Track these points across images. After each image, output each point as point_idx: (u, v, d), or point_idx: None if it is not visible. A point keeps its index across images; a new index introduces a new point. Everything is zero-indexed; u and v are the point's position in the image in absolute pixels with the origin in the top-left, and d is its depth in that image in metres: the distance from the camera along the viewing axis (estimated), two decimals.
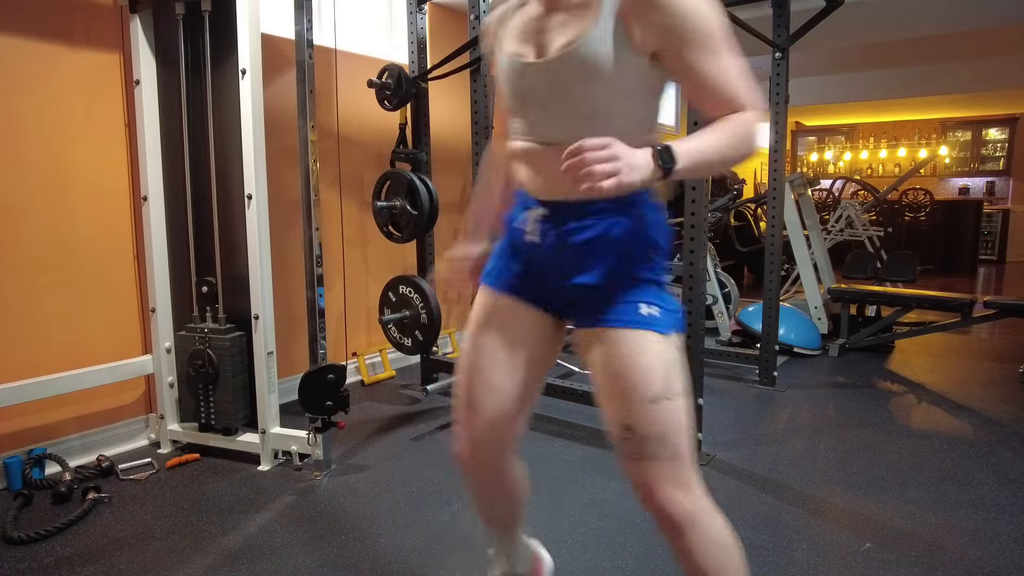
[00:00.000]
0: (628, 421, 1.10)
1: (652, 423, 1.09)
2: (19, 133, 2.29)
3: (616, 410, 1.12)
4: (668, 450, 1.09)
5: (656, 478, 1.09)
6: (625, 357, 1.11)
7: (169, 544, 1.91)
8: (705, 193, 2.41)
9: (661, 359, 1.11)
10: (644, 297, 1.14)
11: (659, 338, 1.12)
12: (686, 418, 1.12)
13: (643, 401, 1.09)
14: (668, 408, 1.09)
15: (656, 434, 1.09)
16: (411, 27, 3.16)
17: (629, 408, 1.10)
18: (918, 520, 2.02)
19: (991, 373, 3.63)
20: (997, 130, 9.31)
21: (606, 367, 1.14)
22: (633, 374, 1.10)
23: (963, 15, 3.54)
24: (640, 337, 1.12)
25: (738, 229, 5.72)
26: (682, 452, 1.10)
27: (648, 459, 1.09)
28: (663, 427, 1.09)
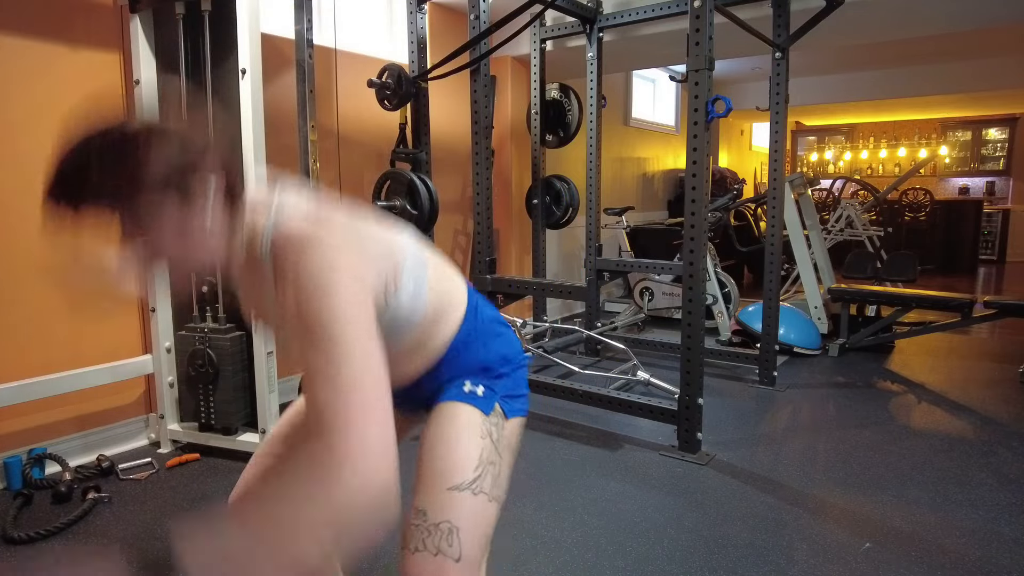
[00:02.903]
0: (422, 505, 1.00)
1: (446, 511, 0.98)
2: (19, 133, 2.29)
3: (417, 493, 1.02)
4: (456, 549, 0.96)
5: None
6: (439, 433, 1.05)
7: (169, 544, 1.91)
8: (705, 193, 2.41)
9: (475, 446, 1.03)
10: (470, 378, 1.10)
11: (478, 417, 1.06)
12: (485, 524, 1.01)
13: (443, 486, 1.00)
14: (468, 502, 0.99)
15: (448, 525, 0.97)
16: (411, 27, 3.15)
17: (427, 491, 1.01)
18: (918, 520, 2.02)
19: (991, 373, 3.63)
20: (997, 130, 9.30)
21: (421, 446, 1.07)
22: (442, 455, 1.02)
23: (963, 15, 3.54)
24: (457, 411, 1.06)
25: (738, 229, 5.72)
26: (470, 557, 0.97)
27: (429, 552, 0.95)
28: (458, 520, 0.97)
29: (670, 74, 6.43)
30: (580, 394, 2.82)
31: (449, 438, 1.04)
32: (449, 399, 1.09)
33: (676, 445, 2.56)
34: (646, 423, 2.83)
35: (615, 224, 5.17)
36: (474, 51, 2.85)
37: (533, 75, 3.90)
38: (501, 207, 4.56)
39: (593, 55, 3.74)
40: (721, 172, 7.57)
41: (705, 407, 2.64)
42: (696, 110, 2.36)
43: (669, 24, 3.59)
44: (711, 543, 1.89)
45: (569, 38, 3.96)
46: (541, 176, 3.95)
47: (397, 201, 3.10)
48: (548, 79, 4.00)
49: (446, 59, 2.89)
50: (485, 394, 1.09)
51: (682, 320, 2.49)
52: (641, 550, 1.86)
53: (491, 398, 1.09)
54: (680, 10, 3.31)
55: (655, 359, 3.91)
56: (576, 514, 2.06)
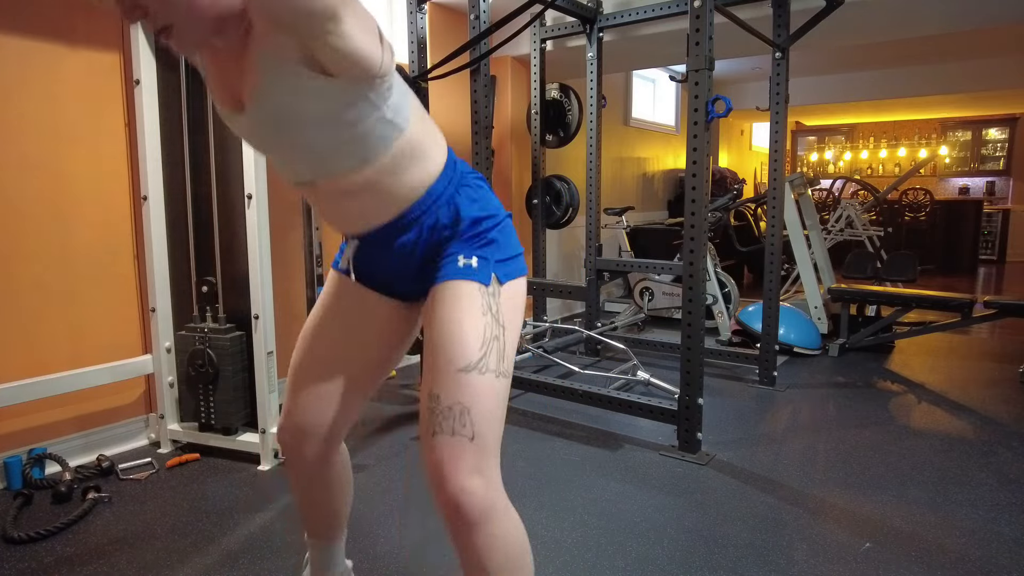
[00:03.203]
0: (436, 389, 1.04)
1: (457, 394, 1.02)
2: (19, 133, 2.29)
3: (427, 378, 1.06)
4: (468, 429, 1.01)
5: (452, 458, 1.00)
6: (441, 316, 1.07)
7: (169, 544, 1.91)
8: (705, 193, 2.41)
9: (477, 325, 1.05)
10: (462, 251, 1.11)
11: (476, 290, 1.07)
12: (496, 402, 1.05)
13: (451, 369, 1.03)
14: (477, 382, 1.03)
15: (459, 406, 1.01)
16: (411, 27, 3.15)
17: (436, 375, 1.04)
18: (918, 520, 2.02)
19: (991, 373, 3.63)
20: (997, 130, 9.31)
21: (427, 331, 1.09)
22: (446, 337, 1.05)
23: (963, 15, 3.54)
24: (457, 289, 1.07)
25: (738, 229, 5.72)
26: (485, 436, 1.03)
27: (446, 434, 1.01)
28: (468, 400, 1.02)
29: (670, 74, 6.43)
30: (580, 394, 2.82)
31: (452, 320, 1.06)
32: (446, 278, 1.09)
33: (676, 445, 2.56)
34: (646, 423, 2.83)
35: (615, 224, 5.18)
36: (474, 51, 2.85)
37: (533, 75, 3.90)
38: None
39: (593, 55, 3.74)
40: (721, 172, 7.58)
41: (705, 407, 2.64)
42: (696, 110, 2.36)
43: (669, 24, 3.59)
44: (711, 543, 1.89)
45: (569, 38, 3.96)
46: (541, 176, 3.95)
47: None
48: (548, 79, 4.01)
49: (446, 59, 2.89)
50: (479, 264, 1.10)
51: (682, 320, 2.49)
52: (641, 550, 1.86)
53: (485, 268, 1.10)
54: (680, 10, 3.31)
55: (655, 359, 3.91)
56: (576, 514, 2.07)
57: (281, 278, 2.92)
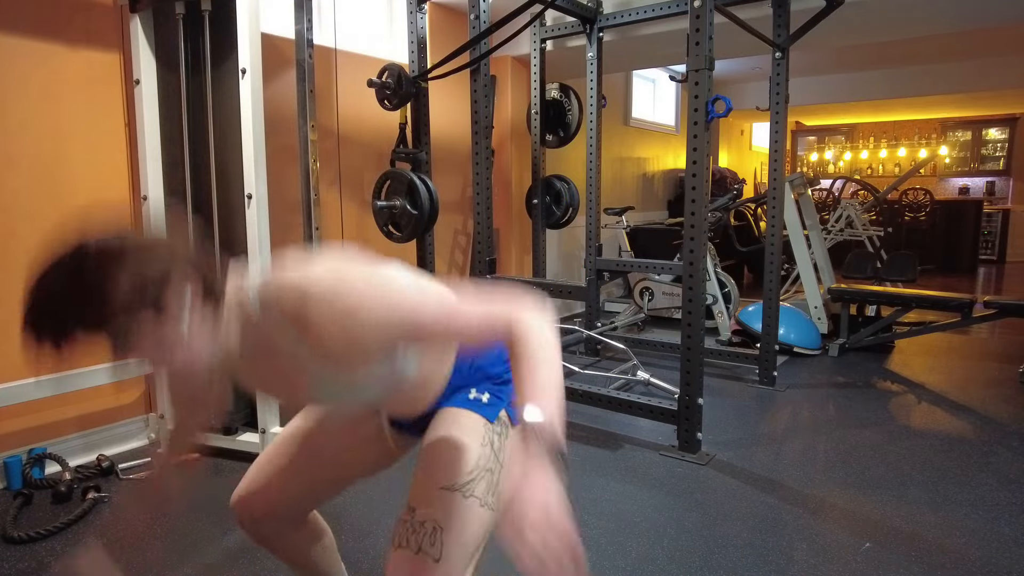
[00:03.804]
0: (414, 502, 1.00)
1: (433, 509, 0.97)
2: (19, 133, 2.29)
3: (411, 491, 1.02)
4: (437, 549, 0.94)
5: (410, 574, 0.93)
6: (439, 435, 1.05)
7: (169, 544, 1.91)
8: (705, 193, 2.41)
9: (473, 452, 1.03)
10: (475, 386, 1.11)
11: (481, 424, 1.06)
12: (474, 531, 0.98)
13: (435, 485, 0.99)
14: (459, 504, 0.98)
15: (433, 523, 0.95)
16: (411, 27, 3.15)
17: (419, 488, 1.01)
18: (918, 520, 2.02)
19: (991, 373, 3.63)
20: (997, 130, 9.30)
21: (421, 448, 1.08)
22: (439, 456, 1.02)
23: (963, 15, 3.54)
24: (461, 416, 1.07)
25: (738, 229, 5.72)
26: (452, 562, 0.95)
27: (410, 550, 0.94)
28: (444, 520, 0.96)
29: (670, 74, 6.43)
30: (580, 394, 2.82)
31: (447, 440, 1.04)
32: (453, 405, 1.09)
33: (676, 445, 2.56)
34: (646, 423, 2.83)
35: (615, 224, 5.17)
36: (474, 51, 2.85)
37: (533, 75, 3.89)
38: (501, 207, 4.56)
39: (593, 55, 3.74)
40: (721, 172, 7.57)
41: (705, 407, 2.63)
42: (696, 110, 2.36)
43: (669, 24, 3.59)
44: (711, 543, 1.89)
45: (569, 38, 3.95)
46: (541, 176, 3.95)
47: (397, 201, 3.10)
48: (548, 79, 4.00)
49: (446, 59, 2.89)
50: (490, 401, 1.09)
51: (682, 320, 2.49)
52: (641, 550, 1.86)
53: (496, 405, 1.09)
54: (680, 10, 3.30)
55: (655, 359, 3.91)
56: (576, 514, 2.06)
57: None
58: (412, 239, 3.18)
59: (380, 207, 3.13)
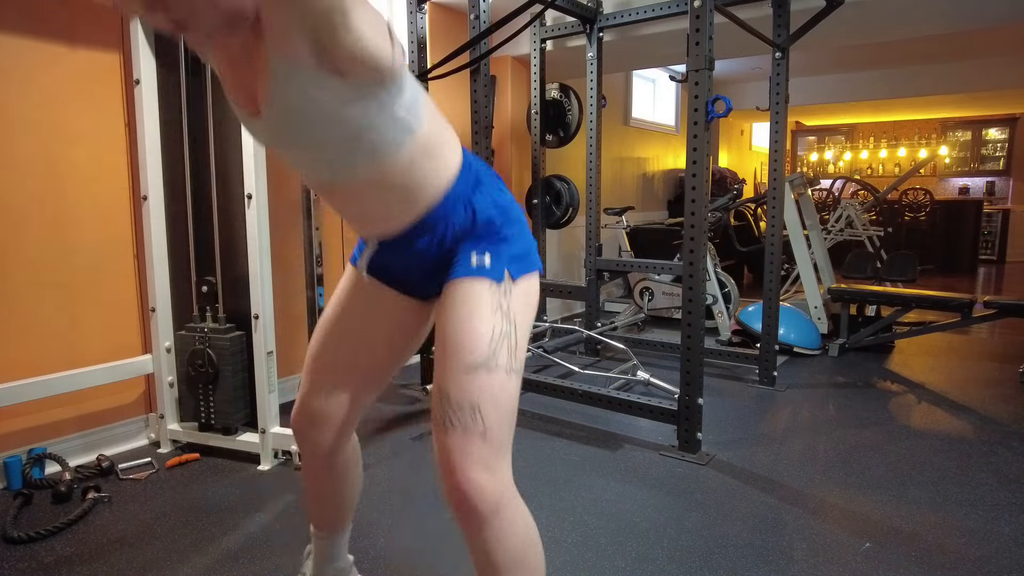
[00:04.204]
0: (446, 387, 1.05)
1: (466, 390, 1.03)
2: (19, 133, 2.29)
3: (438, 375, 1.07)
4: (479, 424, 1.02)
5: (462, 451, 1.01)
6: (453, 313, 1.08)
7: (169, 544, 1.91)
8: (705, 193, 2.41)
9: (487, 322, 1.06)
10: (475, 247, 1.11)
11: (488, 288, 1.08)
12: (506, 398, 1.05)
13: (461, 366, 1.04)
14: (485, 380, 1.03)
15: (469, 403, 1.02)
16: (411, 27, 3.16)
17: (447, 372, 1.05)
18: (918, 520, 2.02)
19: (991, 373, 3.63)
20: (997, 130, 9.30)
21: (439, 328, 1.10)
22: (457, 334, 1.06)
23: (963, 15, 3.54)
24: (469, 287, 1.08)
25: (738, 229, 5.72)
26: (495, 431, 1.03)
27: (456, 429, 1.02)
28: (478, 397, 1.02)
29: (670, 74, 6.43)
30: (580, 394, 2.82)
31: (462, 318, 1.07)
32: (458, 276, 1.10)
33: (676, 445, 2.56)
34: (646, 423, 2.83)
35: (615, 224, 5.18)
36: (474, 51, 2.85)
37: (533, 75, 3.90)
38: None
39: (593, 55, 3.74)
40: (721, 172, 7.58)
41: (705, 407, 2.64)
42: (696, 110, 2.36)
43: (669, 24, 3.59)
44: (711, 543, 1.89)
45: (569, 38, 3.96)
46: (541, 176, 3.95)
47: None
48: (548, 79, 4.01)
49: (446, 59, 2.89)
50: (492, 262, 1.10)
51: (682, 320, 2.49)
52: (641, 550, 1.86)
53: (498, 265, 1.10)
54: (680, 10, 3.31)
55: (655, 359, 3.91)
56: (576, 514, 2.07)
57: (281, 278, 2.91)
58: None
59: None
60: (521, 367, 1.10)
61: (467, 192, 1.12)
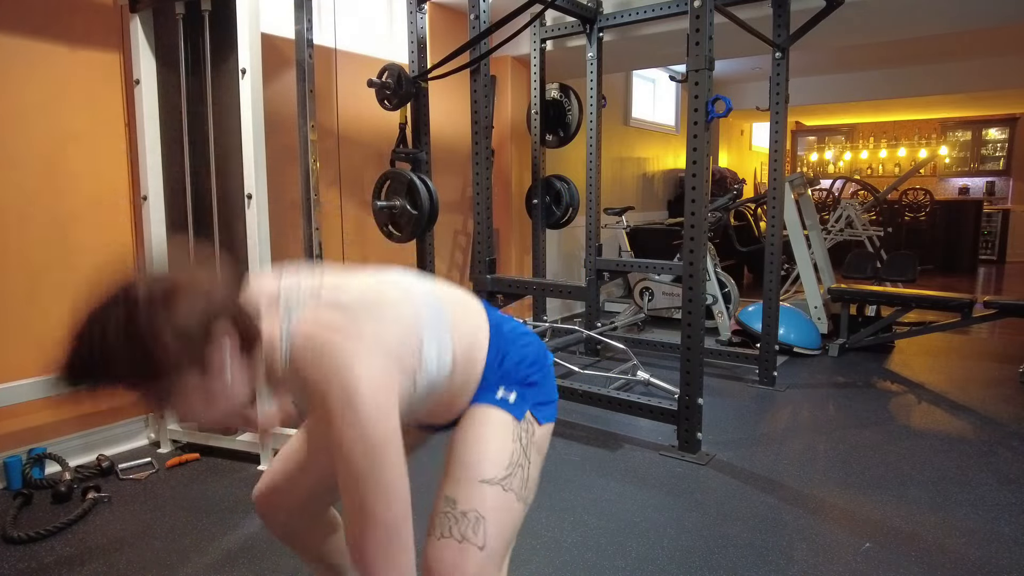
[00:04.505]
0: (453, 494, 1.04)
1: (475, 501, 1.02)
2: (19, 133, 2.29)
3: (444, 486, 1.06)
4: (480, 538, 1.00)
5: (458, 563, 0.98)
6: (470, 433, 1.07)
7: (169, 543, 1.91)
8: (705, 193, 2.41)
9: (507, 447, 1.06)
10: (503, 383, 1.11)
11: (511, 421, 1.08)
12: (511, 522, 1.04)
13: (475, 479, 1.03)
14: (499, 496, 1.03)
15: (475, 514, 1.01)
16: (411, 27, 3.15)
17: (457, 482, 1.04)
18: (918, 520, 2.02)
19: (991, 373, 3.63)
20: (997, 130, 9.30)
21: (452, 445, 1.10)
22: (475, 450, 1.05)
23: (963, 15, 3.54)
24: (491, 413, 1.08)
25: (738, 229, 5.71)
26: (495, 550, 1.01)
27: (454, 539, 1.00)
28: (486, 511, 1.01)
29: (670, 74, 6.43)
30: (580, 394, 2.82)
31: (482, 436, 1.07)
32: (482, 403, 1.10)
33: (676, 445, 2.56)
34: (646, 423, 2.83)
35: (615, 224, 5.17)
36: (474, 51, 2.85)
37: (533, 75, 3.89)
38: (501, 207, 4.57)
39: (593, 55, 3.74)
40: (721, 172, 7.57)
41: (705, 407, 2.64)
42: (696, 110, 2.36)
43: (669, 24, 3.59)
44: (711, 543, 1.89)
45: (569, 38, 3.96)
46: (541, 176, 3.95)
47: (397, 201, 3.10)
48: (548, 79, 4.00)
49: (446, 59, 2.89)
50: (517, 401, 1.11)
51: (682, 320, 2.49)
52: (641, 550, 1.86)
53: (523, 405, 1.11)
54: (680, 10, 3.30)
55: (655, 359, 3.91)
56: (576, 514, 2.06)
57: None
58: (412, 239, 3.18)
59: (380, 207, 3.13)
60: (529, 502, 1.09)
61: (496, 372, 1.12)
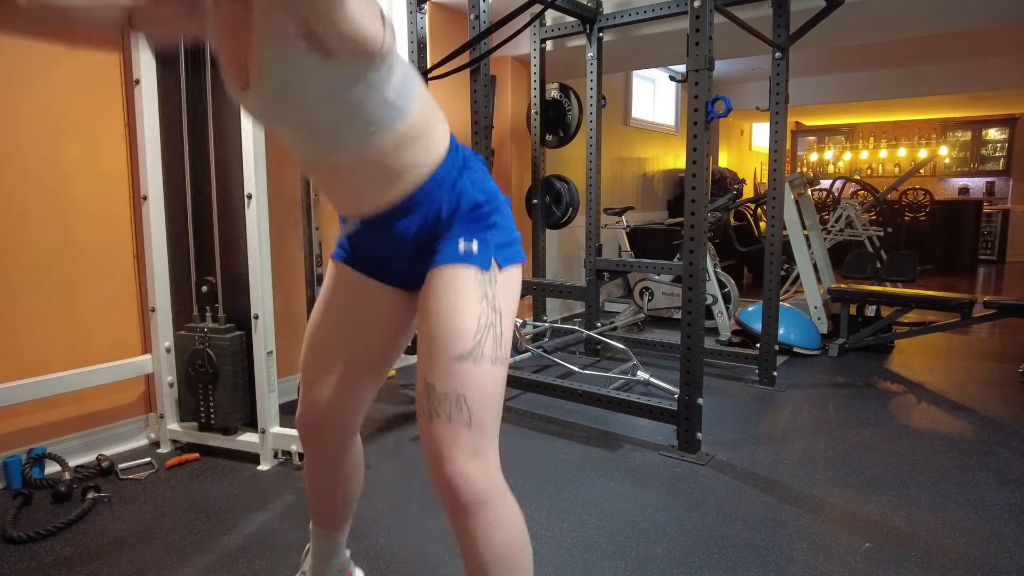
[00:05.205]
0: (431, 378, 1.04)
1: (452, 381, 1.02)
2: (19, 133, 2.28)
3: (422, 365, 1.06)
4: (465, 414, 1.01)
5: (449, 442, 1.01)
6: (437, 301, 1.06)
7: (169, 544, 1.91)
8: (705, 193, 2.41)
9: (476, 310, 1.05)
10: (463, 234, 1.09)
11: (475, 275, 1.06)
12: (492, 388, 1.05)
13: (447, 357, 1.03)
14: (472, 370, 1.03)
15: (455, 394, 1.02)
16: (411, 27, 3.16)
17: (432, 363, 1.04)
18: (918, 520, 2.02)
19: (991, 373, 3.63)
20: (997, 130, 9.30)
21: (422, 316, 1.09)
22: (442, 324, 1.04)
23: (963, 15, 3.54)
24: (454, 274, 1.06)
25: (738, 229, 5.72)
26: (483, 421, 1.03)
27: (443, 419, 1.02)
28: (464, 388, 1.02)
29: (670, 74, 6.43)
30: (580, 394, 2.82)
31: (447, 307, 1.05)
32: (444, 262, 1.08)
33: (676, 445, 2.56)
34: (646, 423, 2.83)
35: (615, 224, 5.18)
36: (474, 51, 2.85)
37: (533, 75, 3.90)
38: None
39: (593, 55, 3.74)
40: (721, 172, 7.58)
41: (705, 407, 2.64)
42: (696, 110, 2.36)
43: (669, 24, 3.59)
44: (711, 543, 1.89)
45: (569, 38, 3.96)
46: (541, 176, 3.95)
47: None
48: (548, 79, 4.01)
49: (446, 59, 2.89)
50: (480, 249, 1.08)
51: (682, 320, 2.49)
52: (641, 550, 1.86)
53: (486, 252, 1.09)
54: (680, 10, 3.31)
55: (655, 359, 3.91)
56: (576, 514, 2.06)
57: (281, 278, 2.91)
58: None
59: None
60: (507, 357, 1.09)
61: (453, 175, 1.11)
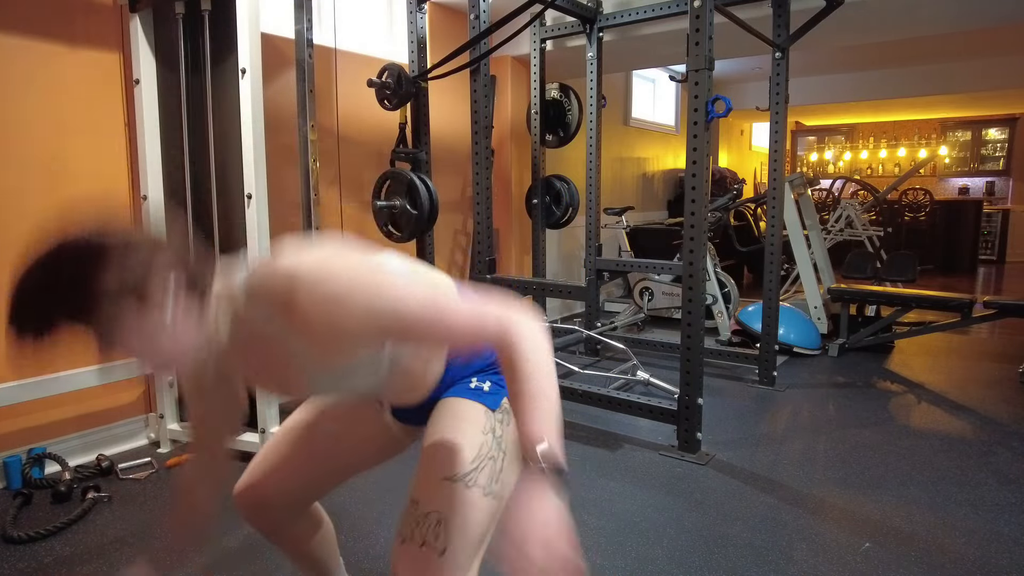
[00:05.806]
0: (416, 495, 0.98)
1: (436, 501, 0.96)
2: (19, 133, 2.28)
3: (412, 484, 1.01)
4: (440, 542, 0.92)
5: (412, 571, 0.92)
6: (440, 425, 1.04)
7: (169, 543, 1.90)
8: (705, 193, 2.41)
9: (476, 441, 1.01)
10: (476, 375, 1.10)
11: (483, 412, 1.05)
12: (478, 521, 0.96)
13: (437, 476, 0.98)
14: (461, 494, 0.96)
15: (437, 516, 0.94)
16: (411, 26, 3.15)
17: (421, 480, 1.00)
18: (917, 520, 2.02)
19: (991, 373, 3.63)
20: (997, 130, 9.30)
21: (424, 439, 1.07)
22: (440, 445, 1.01)
23: (964, 15, 3.54)
24: (461, 406, 1.06)
25: (738, 229, 5.71)
26: (456, 553, 0.93)
27: (415, 543, 0.93)
28: (447, 511, 0.95)
29: (670, 74, 6.43)
30: (580, 394, 2.82)
31: (448, 430, 1.03)
32: (454, 395, 1.08)
33: (676, 445, 2.56)
34: (646, 423, 2.83)
35: (615, 224, 5.17)
36: (474, 51, 2.85)
37: (533, 75, 3.89)
38: (501, 207, 4.56)
39: (593, 55, 3.74)
40: (721, 172, 7.57)
41: (705, 407, 2.63)
42: (696, 110, 2.36)
43: (669, 24, 3.59)
44: (711, 543, 1.89)
45: (569, 38, 3.95)
46: (541, 176, 3.95)
47: (397, 201, 3.10)
48: (548, 79, 4.00)
49: (446, 59, 2.89)
50: (492, 389, 1.08)
51: (682, 320, 2.49)
52: (641, 550, 1.86)
53: (498, 393, 1.08)
54: (680, 10, 3.30)
55: (655, 359, 3.91)
56: (576, 514, 2.05)
57: None
58: (412, 239, 3.18)
59: (380, 207, 3.13)
60: (502, 497, 1.01)
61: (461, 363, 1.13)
